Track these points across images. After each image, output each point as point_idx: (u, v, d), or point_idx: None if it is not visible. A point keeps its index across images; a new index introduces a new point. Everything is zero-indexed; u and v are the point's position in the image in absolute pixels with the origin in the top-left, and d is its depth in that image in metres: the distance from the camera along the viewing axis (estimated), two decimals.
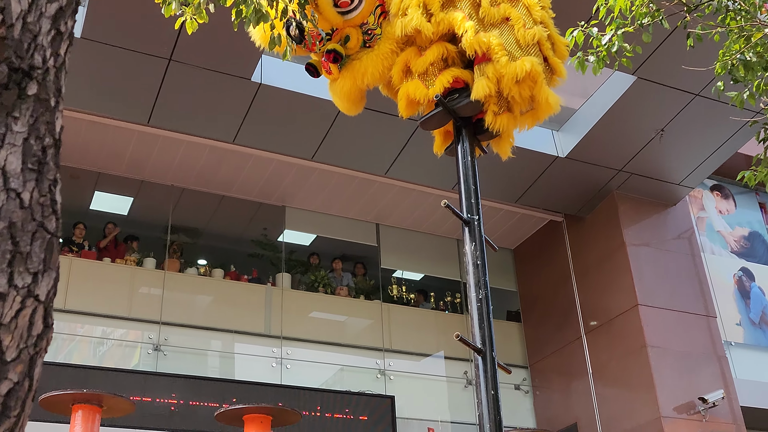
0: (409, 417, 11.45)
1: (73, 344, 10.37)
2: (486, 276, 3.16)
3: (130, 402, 3.47)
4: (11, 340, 0.93)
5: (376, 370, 11.69)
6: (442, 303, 12.98)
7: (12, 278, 0.94)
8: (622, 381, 10.90)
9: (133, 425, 9.25)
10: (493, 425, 2.88)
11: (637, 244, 11.44)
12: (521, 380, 12.51)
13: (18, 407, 0.93)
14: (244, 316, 11.28)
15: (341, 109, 4.07)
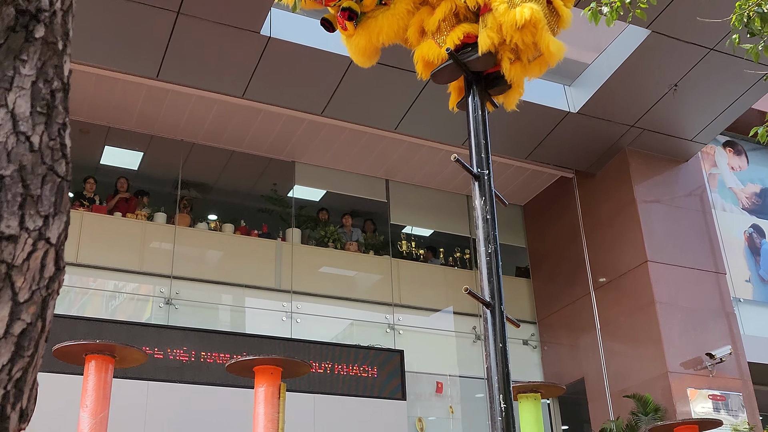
0: (418, 371, 11.57)
1: (86, 298, 10.48)
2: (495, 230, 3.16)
3: (143, 352, 3.51)
4: (23, 282, 0.94)
5: (386, 324, 11.79)
6: (451, 259, 13.01)
7: (23, 221, 0.94)
8: (629, 337, 10.96)
9: (146, 377, 9.39)
10: (500, 378, 2.90)
11: (648, 200, 11.40)
12: (529, 335, 12.59)
13: (31, 347, 0.94)
14: (255, 270, 11.36)
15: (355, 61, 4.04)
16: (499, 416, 2.78)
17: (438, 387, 11.72)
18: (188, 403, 9.50)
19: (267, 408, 3.49)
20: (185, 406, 9.47)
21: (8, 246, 0.91)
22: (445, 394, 11.75)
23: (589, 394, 11.53)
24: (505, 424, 2.78)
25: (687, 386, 10.26)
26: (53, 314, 0.94)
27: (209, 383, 9.69)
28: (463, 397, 11.82)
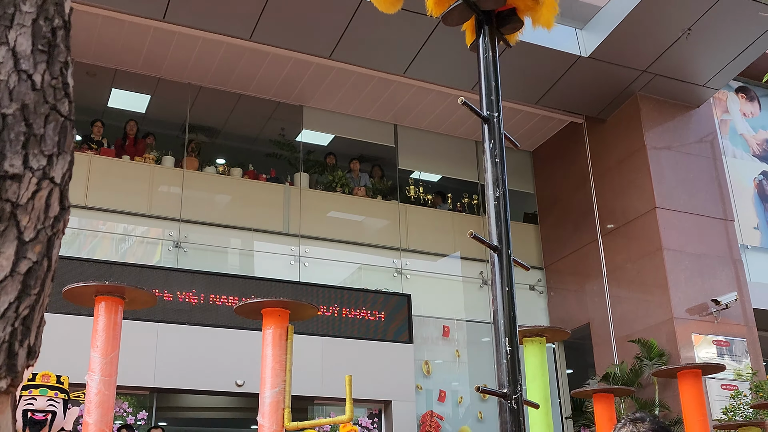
0: (425, 315, 11.68)
1: (96, 241, 10.56)
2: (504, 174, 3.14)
3: (152, 294, 3.55)
4: (29, 221, 0.94)
5: (393, 269, 11.86)
6: (459, 204, 13.02)
7: (27, 160, 0.94)
8: (636, 283, 11.01)
9: (156, 319, 9.52)
10: (506, 321, 2.91)
11: (658, 146, 11.32)
12: (536, 281, 12.66)
13: (38, 286, 0.95)
14: (263, 214, 11.40)
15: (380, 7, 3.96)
16: (504, 359, 2.80)
17: (445, 331, 11.85)
18: (197, 344, 9.64)
19: (275, 349, 3.53)
20: (194, 347, 9.62)
21: (12, 185, 0.91)
22: (452, 337, 11.88)
23: (594, 339, 11.64)
24: (510, 366, 2.80)
25: (692, 332, 10.34)
26: (59, 254, 0.94)
27: (218, 325, 9.82)
28: (469, 341, 11.95)
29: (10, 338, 0.91)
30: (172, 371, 9.51)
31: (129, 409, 9.58)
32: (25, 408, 6.70)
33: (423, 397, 11.28)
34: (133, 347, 8.81)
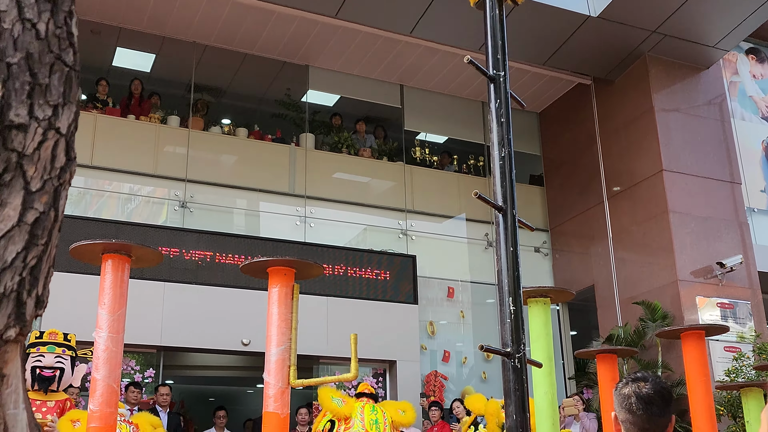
0: (430, 276, 11.72)
1: (103, 200, 10.58)
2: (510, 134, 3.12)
3: (159, 252, 3.56)
4: (35, 171, 0.94)
5: (398, 230, 11.87)
6: (464, 166, 12.98)
7: (32, 110, 0.94)
8: (641, 245, 11.01)
9: (162, 278, 9.58)
10: (511, 281, 2.92)
11: (667, 108, 11.23)
12: (541, 243, 12.68)
13: (45, 236, 0.95)
14: (269, 175, 11.39)
15: None
16: (508, 318, 2.81)
17: (449, 292, 11.90)
18: (203, 303, 9.71)
19: (280, 308, 3.55)
20: (201, 306, 9.69)
21: (18, 135, 0.91)
22: (456, 299, 11.94)
23: (598, 301, 11.68)
24: (513, 326, 2.81)
25: (696, 294, 10.36)
26: (66, 213, 0.94)
27: (224, 285, 9.87)
28: (474, 302, 12.01)
29: (18, 288, 0.91)
30: (179, 330, 9.59)
31: (136, 366, 9.68)
32: (33, 365, 6.78)
33: (427, 358, 11.37)
34: (140, 306, 8.88)
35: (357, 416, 5.52)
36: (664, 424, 2.44)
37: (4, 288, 0.90)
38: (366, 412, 5.55)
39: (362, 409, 5.57)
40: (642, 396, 2.41)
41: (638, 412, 2.40)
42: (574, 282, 11.89)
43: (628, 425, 2.45)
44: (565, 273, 12.35)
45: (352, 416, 5.51)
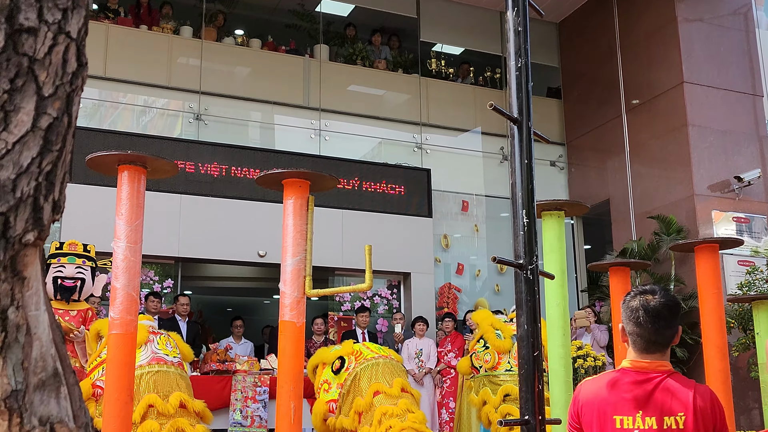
0: (444, 190, 11.74)
1: (117, 113, 10.56)
2: (527, 44, 3.06)
3: (173, 164, 3.57)
4: (47, 76, 0.94)
5: (413, 144, 11.82)
6: (481, 78, 12.80)
7: (41, 13, 0.93)
8: (658, 159, 10.92)
9: (178, 191, 9.65)
10: (525, 193, 2.91)
11: (690, 18, 10.95)
12: (557, 157, 12.60)
13: (59, 142, 0.96)
14: (283, 87, 11.29)
15: None
16: (521, 230, 2.82)
17: (464, 206, 11.93)
18: (220, 215, 9.80)
19: (295, 219, 3.58)
20: (217, 218, 9.78)
21: (28, 39, 0.90)
22: (471, 212, 11.98)
23: (613, 216, 11.68)
24: (527, 238, 2.82)
25: (712, 209, 10.33)
26: (83, 126, 0.94)
27: (240, 197, 9.94)
28: (488, 215, 12.05)
29: (35, 193, 0.92)
30: (196, 241, 9.72)
31: (155, 277, 9.86)
32: (54, 275, 6.93)
33: (441, 270, 11.50)
34: (158, 218, 8.98)
35: (361, 348, 5.67)
36: (670, 335, 2.47)
37: (21, 193, 0.91)
38: (368, 345, 5.74)
39: (363, 344, 5.77)
40: (649, 309, 2.44)
41: (646, 325, 2.44)
42: (590, 196, 11.87)
43: (635, 337, 2.48)
44: (580, 187, 12.32)
45: (357, 348, 5.66)
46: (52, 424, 0.93)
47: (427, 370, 9.40)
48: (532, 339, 2.71)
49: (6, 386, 0.89)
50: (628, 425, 2.40)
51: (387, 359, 5.57)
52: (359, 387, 5.38)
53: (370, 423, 5.24)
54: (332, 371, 5.55)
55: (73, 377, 0.98)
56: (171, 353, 5.12)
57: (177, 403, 4.80)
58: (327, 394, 5.56)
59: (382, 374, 5.40)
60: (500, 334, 6.47)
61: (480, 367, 6.35)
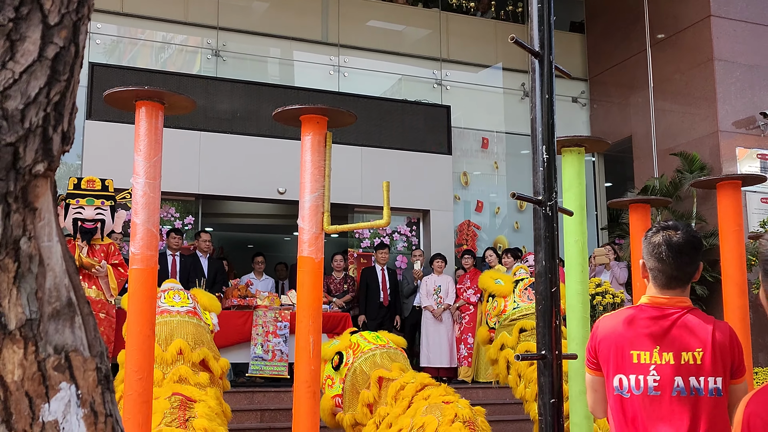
0: (464, 127, 11.64)
1: (136, 49, 10.51)
2: None
3: (191, 99, 3.56)
4: (52, 5, 0.92)
5: (433, 80, 11.69)
6: (502, 12, 12.54)
7: None
8: (683, 95, 10.74)
9: (198, 128, 9.65)
10: (545, 129, 2.88)
11: None
12: (579, 93, 12.43)
13: (67, 72, 0.95)
14: (302, 22, 11.15)
15: None
16: (540, 167, 2.80)
17: (483, 143, 11.85)
18: (239, 153, 9.81)
19: (313, 155, 3.57)
20: (237, 155, 9.80)
21: None
22: (491, 150, 11.90)
23: (635, 152, 11.56)
24: (546, 174, 2.80)
25: (736, 145, 10.19)
26: (101, 62, 0.93)
27: (259, 134, 9.93)
28: (508, 153, 11.97)
29: (44, 123, 0.91)
30: (216, 178, 9.75)
31: (176, 214, 9.95)
32: (74, 217, 7.01)
33: (461, 207, 11.49)
34: (178, 155, 9.01)
35: (358, 339, 5.66)
36: (691, 271, 2.46)
37: (29, 123, 0.90)
38: (365, 335, 5.73)
39: (360, 335, 5.75)
40: (672, 245, 2.42)
41: (668, 260, 2.42)
42: (612, 133, 11.73)
43: (657, 273, 2.47)
44: (602, 123, 12.17)
45: (354, 341, 5.67)
46: (67, 352, 0.94)
47: (446, 306, 9.48)
48: (550, 275, 2.71)
49: (21, 315, 0.90)
50: (645, 360, 2.41)
51: (384, 348, 5.54)
52: (359, 380, 5.41)
53: (386, 403, 5.30)
54: (332, 367, 5.57)
55: (87, 308, 0.99)
56: (178, 303, 5.16)
57: (176, 350, 4.86)
58: (331, 390, 5.59)
59: (380, 363, 5.41)
60: (499, 280, 6.49)
61: (495, 323, 6.38)
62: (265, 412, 7.36)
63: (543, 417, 2.53)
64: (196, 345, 4.98)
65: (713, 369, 2.36)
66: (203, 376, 4.87)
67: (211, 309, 5.46)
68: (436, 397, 5.20)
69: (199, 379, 4.82)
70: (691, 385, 2.36)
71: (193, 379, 4.81)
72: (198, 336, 5.03)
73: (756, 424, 1.50)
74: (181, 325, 5.03)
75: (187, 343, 4.92)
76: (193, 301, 5.31)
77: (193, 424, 4.19)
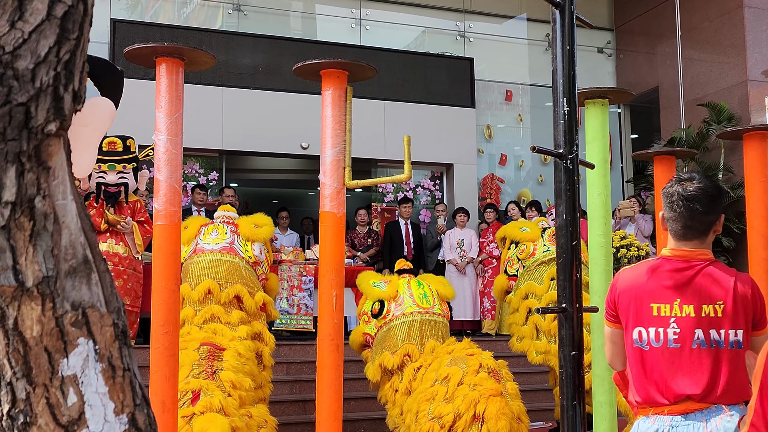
0: (488, 79, 11.52)
1: (158, 5, 10.46)
2: None
3: (211, 55, 3.55)
4: None
5: (456, 32, 11.54)
6: None
7: None
8: (711, 44, 10.51)
9: (219, 83, 9.64)
10: (566, 81, 2.84)
11: None
12: (605, 43, 12.21)
13: (76, 30, 0.95)
14: None
15: None
16: (561, 119, 2.78)
17: (507, 95, 11.72)
18: (262, 108, 9.80)
19: (334, 110, 3.57)
20: (260, 111, 9.79)
21: None
22: (515, 102, 11.78)
23: (662, 103, 11.38)
24: (567, 127, 2.78)
25: (765, 95, 9.99)
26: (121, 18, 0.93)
27: (282, 89, 9.90)
28: (532, 105, 11.84)
29: (54, 82, 0.92)
30: (239, 134, 9.77)
31: (200, 170, 10.00)
32: (97, 181, 7.08)
33: (485, 161, 11.43)
34: (201, 111, 9.03)
35: (405, 292, 5.59)
36: (708, 221, 2.43)
37: (40, 83, 0.91)
38: (413, 288, 5.63)
39: (408, 284, 5.64)
40: (685, 195, 2.41)
41: (680, 210, 2.42)
42: (638, 83, 11.55)
43: (672, 223, 2.47)
44: (629, 74, 11.97)
45: (400, 293, 5.59)
46: (84, 308, 0.96)
47: (469, 259, 9.50)
48: (570, 228, 2.70)
49: (37, 273, 0.92)
50: (665, 313, 2.41)
51: (427, 314, 5.48)
52: (388, 343, 5.42)
53: (401, 379, 5.32)
54: (372, 314, 5.56)
55: (103, 264, 1.01)
56: (214, 240, 5.19)
57: (204, 291, 4.91)
58: (366, 326, 5.61)
59: (415, 335, 5.37)
60: (525, 228, 6.43)
61: (517, 270, 6.32)
62: (291, 364, 7.47)
63: (563, 369, 2.54)
64: (228, 283, 5.00)
65: (734, 321, 2.36)
66: (235, 315, 4.92)
67: (255, 239, 5.37)
68: (460, 350, 5.24)
69: (230, 318, 4.89)
70: (712, 337, 2.36)
71: (224, 318, 4.88)
72: (231, 273, 5.03)
73: None
74: (213, 265, 5.06)
75: (216, 283, 4.97)
76: (231, 235, 5.28)
77: (221, 376, 4.26)
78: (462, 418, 4.71)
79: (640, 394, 2.43)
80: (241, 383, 4.32)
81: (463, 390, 4.81)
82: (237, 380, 4.30)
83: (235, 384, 4.26)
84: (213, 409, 3.99)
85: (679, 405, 2.34)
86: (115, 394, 0.96)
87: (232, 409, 4.10)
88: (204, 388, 4.11)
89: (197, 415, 3.97)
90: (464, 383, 4.86)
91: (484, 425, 4.63)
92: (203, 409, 3.99)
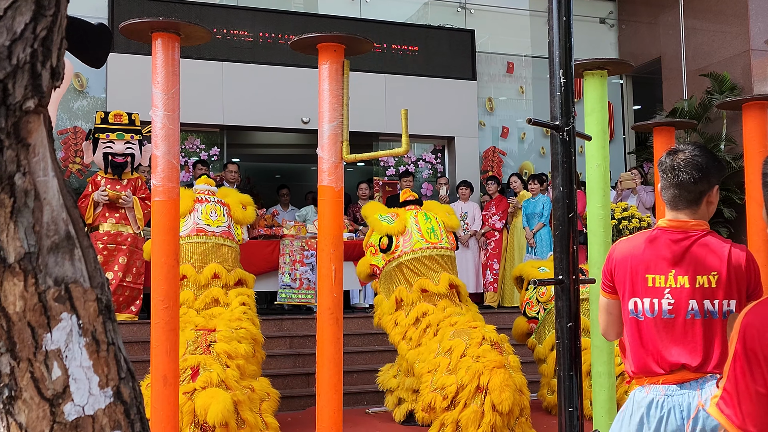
0: (489, 51, 11.45)
1: None
2: None
3: (207, 30, 3.53)
4: None
5: (457, 4, 11.45)
6: None
7: None
8: (714, 13, 10.41)
9: (218, 57, 9.60)
10: (562, 52, 2.83)
11: None
12: (607, 13, 12.11)
13: (53, 6, 0.94)
14: None
15: None
16: (558, 91, 2.76)
17: (509, 67, 11.66)
18: (262, 82, 9.76)
19: (331, 84, 3.55)
20: (260, 85, 9.75)
21: None
22: (516, 74, 11.71)
23: (664, 74, 11.31)
24: (563, 98, 2.76)
25: None
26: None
27: (282, 64, 9.86)
28: (534, 77, 11.77)
29: (32, 59, 0.92)
30: (240, 109, 9.74)
31: (201, 145, 9.99)
32: (105, 152, 7.11)
33: (486, 133, 11.40)
34: (201, 86, 9.00)
35: (412, 227, 5.59)
36: (697, 191, 2.43)
37: (17, 60, 0.91)
38: (421, 222, 5.62)
39: (415, 218, 5.63)
40: (673, 164, 2.43)
41: (668, 179, 2.45)
42: (640, 54, 11.47)
43: (663, 192, 2.49)
44: (631, 45, 11.89)
45: (408, 227, 5.59)
46: (67, 284, 0.97)
47: (472, 232, 9.51)
48: (567, 200, 2.70)
49: (19, 249, 0.93)
50: (659, 284, 2.42)
51: (435, 248, 5.50)
52: (399, 277, 5.44)
53: (407, 314, 5.36)
54: (380, 249, 5.57)
55: (87, 240, 1.02)
56: (214, 222, 5.23)
57: (210, 274, 4.97)
58: (373, 258, 5.64)
59: (427, 269, 5.39)
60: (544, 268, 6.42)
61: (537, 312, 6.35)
62: (294, 338, 7.52)
63: (560, 340, 2.56)
64: (231, 267, 5.16)
65: (727, 291, 2.37)
66: (232, 293, 5.10)
67: (243, 222, 5.61)
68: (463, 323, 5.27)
69: (228, 300, 5.03)
70: (705, 308, 2.37)
71: (223, 300, 4.98)
72: (233, 258, 5.24)
73: (751, 334, 1.53)
74: (216, 248, 5.15)
75: (223, 267, 5.07)
76: (227, 217, 5.39)
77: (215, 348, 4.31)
78: (465, 389, 4.76)
79: (635, 364, 2.44)
80: (237, 351, 4.36)
81: (466, 362, 4.86)
82: (231, 350, 4.33)
83: (230, 354, 4.30)
84: (213, 383, 4.03)
85: (674, 374, 2.36)
86: (100, 368, 0.97)
87: (232, 381, 4.14)
88: (202, 363, 4.15)
89: (198, 391, 4.01)
90: (467, 355, 4.91)
91: (488, 396, 4.68)
92: (204, 384, 4.03)
